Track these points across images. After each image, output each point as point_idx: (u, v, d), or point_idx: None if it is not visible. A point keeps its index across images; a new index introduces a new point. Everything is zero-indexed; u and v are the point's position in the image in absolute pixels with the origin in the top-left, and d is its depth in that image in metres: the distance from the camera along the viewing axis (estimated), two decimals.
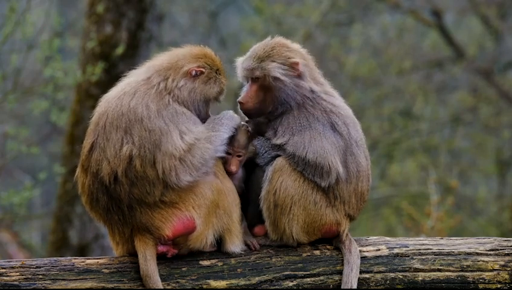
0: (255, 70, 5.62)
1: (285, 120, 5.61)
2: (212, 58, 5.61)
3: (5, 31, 10.45)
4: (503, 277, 5.58)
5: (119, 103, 5.38)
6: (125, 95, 5.41)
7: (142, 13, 11.32)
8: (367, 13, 19.33)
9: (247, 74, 5.65)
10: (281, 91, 5.60)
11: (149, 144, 5.27)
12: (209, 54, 5.62)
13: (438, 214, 10.19)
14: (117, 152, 5.28)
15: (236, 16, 20.56)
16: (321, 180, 5.52)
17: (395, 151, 18.93)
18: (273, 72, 5.59)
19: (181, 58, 5.56)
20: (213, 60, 5.60)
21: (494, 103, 18.96)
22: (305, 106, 5.61)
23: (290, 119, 5.61)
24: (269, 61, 5.60)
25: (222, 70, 5.61)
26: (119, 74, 11.18)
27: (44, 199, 16.80)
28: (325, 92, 5.68)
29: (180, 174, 5.30)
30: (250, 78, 5.65)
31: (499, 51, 19.06)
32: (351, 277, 5.49)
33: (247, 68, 5.63)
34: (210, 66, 5.58)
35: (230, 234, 5.47)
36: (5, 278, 5.26)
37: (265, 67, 5.60)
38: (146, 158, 5.26)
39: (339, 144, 5.58)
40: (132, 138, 5.28)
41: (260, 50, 5.65)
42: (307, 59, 5.71)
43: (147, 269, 5.28)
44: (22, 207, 10.85)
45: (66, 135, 11.45)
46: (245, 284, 5.43)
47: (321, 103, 5.63)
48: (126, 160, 5.26)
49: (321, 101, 5.63)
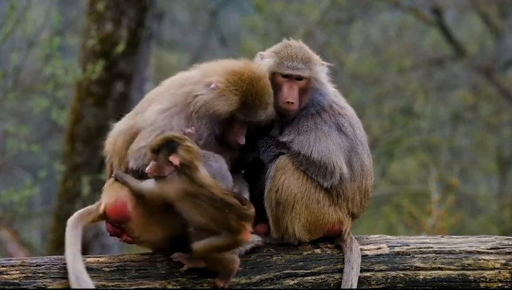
0: (305, 70, 5.61)
1: (295, 120, 5.61)
2: (240, 77, 5.47)
3: (6, 29, 10.46)
4: (504, 276, 5.57)
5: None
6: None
7: (143, 11, 11.32)
8: (367, 11, 19.34)
9: (294, 72, 5.61)
10: (317, 93, 5.63)
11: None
12: (240, 71, 5.50)
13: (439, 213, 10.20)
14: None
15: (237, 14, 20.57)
16: (324, 181, 5.52)
17: (396, 149, 18.93)
18: (319, 74, 5.63)
19: (213, 70, 5.55)
20: (240, 79, 5.47)
21: (495, 101, 18.98)
22: (317, 111, 5.63)
23: (299, 120, 5.61)
24: (313, 64, 5.63)
25: (248, 90, 5.46)
26: (119, 72, 11.29)
27: (45, 197, 16.80)
28: (334, 93, 5.72)
29: (130, 162, 5.45)
30: (293, 78, 5.61)
31: (500, 49, 19.07)
32: (352, 275, 5.48)
33: (296, 68, 5.61)
34: (232, 83, 5.46)
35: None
36: (5, 276, 5.25)
37: (313, 69, 5.62)
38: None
39: (344, 145, 5.58)
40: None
41: (298, 51, 5.65)
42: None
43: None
44: (22, 205, 10.85)
45: (66, 133, 11.45)
46: (246, 283, 5.42)
47: (332, 106, 5.65)
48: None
49: (333, 104, 5.66)
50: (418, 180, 18.13)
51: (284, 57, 5.64)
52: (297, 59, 5.63)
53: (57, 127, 13.73)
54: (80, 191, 10.99)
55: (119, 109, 11.19)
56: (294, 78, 5.60)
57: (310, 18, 18.31)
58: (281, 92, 5.58)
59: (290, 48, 5.67)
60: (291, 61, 5.62)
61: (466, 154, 19.57)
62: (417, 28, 19.64)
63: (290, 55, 5.64)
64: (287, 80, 5.61)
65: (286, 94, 5.57)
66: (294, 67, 5.61)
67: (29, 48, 10.89)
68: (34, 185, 11.03)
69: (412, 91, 19.12)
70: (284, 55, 5.64)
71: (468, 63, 18.48)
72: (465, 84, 19.57)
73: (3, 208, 12.72)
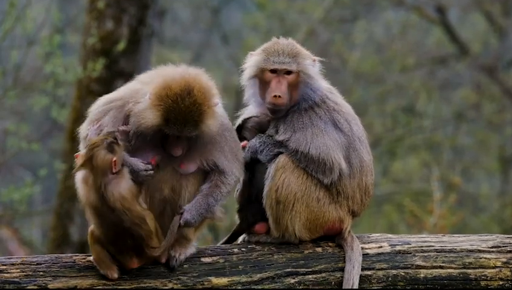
0: (292, 64, 5.63)
1: (288, 118, 5.62)
2: (167, 92, 5.34)
3: (5, 26, 10.46)
4: (505, 274, 5.57)
5: None
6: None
7: (144, 9, 11.31)
8: (371, 9, 19.35)
9: (280, 67, 5.63)
10: (308, 88, 5.63)
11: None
12: (169, 84, 5.36)
13: (441, 211, 10.20)
14: None
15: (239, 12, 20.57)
16: (324, 177, 5.52)
17: (398, 148, 18.93)
18: (308, 69, 5.65)
19: (156, 77, 5.47)
20: (166, 94, 5.34)
21: (498, 100, 18.97)
22: (311, 107, 5.63)
23: (293, 116, 5.62)
24: (301, 58, 5.65)
25: (171, 107, 5.32)
26: (120, 70, 11.28)
27: (45, 196, 16.81)
28: (329, 90, 5.72)
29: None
30: (281, 73, 5.63)
31: (503, 47, 19.07)
32: (353, 274, 5.48)
33: (282, 62, 5.63)
34: (158, 98, 5.34)
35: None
36: (6, 275, 5.26)
37: (301, 62, 5.64)
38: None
39: (341, 141, 5.58)
40: None
41: (285, 47, 5.67)
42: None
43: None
44: (22, 204, 10.86)
45: (67, 132, 11.45)
46: (246, 281, 5.42)
47: (326, 102, 5.65)
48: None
49: (326, 100, 5.65)
50: (420, 179, 18.13)
51: (271, 52, 5.66)
52: (283, 54, 5.65)
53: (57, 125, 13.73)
54: None
55: None
56: (282, 72, 5.62)
57: (313, 16, 18.30)
58: (269, 88, 5.61)
59: (277, 44, 5.70)
60: (277, 56, 5.64)
61: (468, 153, 19.57)
62: (420, 27, 19.64)
63: (276, 51, 5.66)
64: (275, 76, 5.63)
65: (274, 88, 5.60)
66: (280, 62, 5.63)
67: (29, 46, 10.89)
68: (34, 184, 11.03)
69: (415, 90, 19.12)
70: (271, 51, 5.67)
71: (471, 61, 18.47)
72: (468, 83, 19.57)
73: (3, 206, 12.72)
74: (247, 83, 5.74)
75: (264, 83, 5.64)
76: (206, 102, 5.35)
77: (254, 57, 5.70)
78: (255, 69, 5.67)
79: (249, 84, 5.73)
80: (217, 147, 5.48)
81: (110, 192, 5.22)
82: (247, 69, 5.72)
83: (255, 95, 5.73)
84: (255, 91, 5.72)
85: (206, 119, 5.35)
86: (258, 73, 5.66)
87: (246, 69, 5.74)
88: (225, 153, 5.50)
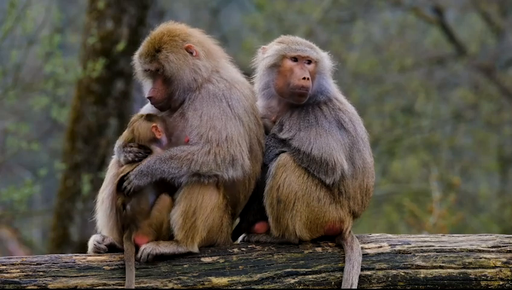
0: (312, 52, 5.69)
1: (294, 116, 5.63)
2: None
3: (6, 26, 10.45)
4: (505, 274, 5.57)
5: None
6: None
7: (143, 9, 11.31)
8: (368, 10, 19.33)
9: (303, 54, 5.69)
10: (324, 80, 5.71)
11: None
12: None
13: (440, 211, 10.19)
14: None
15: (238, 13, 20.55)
16: (326, 177, 5.52)
17: (397, 148, 18.92)
18: (325, 60, 5.73)
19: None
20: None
21: (496, 100, 18.96)
22: (319, 104, 5.63)
23: (300, 114, 5.62)
24: (318, 49, 5.73)
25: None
26: (120, 70, 11.28)
27: (45, 196, 16.80)
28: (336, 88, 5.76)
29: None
30: (302, 61, 5.68)
31: (501, 48, 19.06)
32: (352, 274, 5.49)
33: (304, 50, 5.71)
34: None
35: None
36: (6, 275, 5.26)
37: (320, 53, 5.72)
38: None
39: (344, 141, 5.59)
40: None
41: (301, 39, 5.75)
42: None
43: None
44: (22, 204, 10.84)
45: (67, 132, 11.45)
46: (246, 281, 5.43)
47: (333, 100, 5.67)
48: None
49: (333, 99, 5.67)
50: (419, 179, 18.12)
51: (291, 42, 5.70)
52: (303, 44, 5.70)
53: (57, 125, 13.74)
54: (80, 190, 10.98)
55: (120, 107, 11.21)
56: (303, 60, 5.64)
57: (311, 16, 18.30)
58: (293, 74, 5.61)
59: (292, 37, 5.74)
60: (298, 45, 5.68)
61: (467, 153, 19.56)
62: (418, 27, 19.63)
63: (295, 41, 5.71)
64: (296, 64, 5.64)
65: (300, 73, 5.60)
66: (303, 50, 5.66)
67: (29, 46, 10.88)
68: (34, 184, 11.01)
69: (413, 90, 19.11)
70: (290, 41, 5.71)
71: (469, 61, 18.46)
72: (466, 83, 19.56)
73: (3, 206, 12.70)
74: (264, 72, 5.71)
75: (284, 71, 5.64)
76: (172, 37, 5.50)
77: (273, 46, 5.70)
78: (276, 56, 5.66)
79: (265, 74, 5.71)
80: (198, 112, 5.46)
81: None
82: (266, 58, 5.70)
83: (270, 85, 5.70)
84: (271, 80, 5.68)
85: (166, 51, 5.46)
86: (279, 61, 5.66)
87: (263, 59, 5.72)
88: (202, 119, 5.43)
